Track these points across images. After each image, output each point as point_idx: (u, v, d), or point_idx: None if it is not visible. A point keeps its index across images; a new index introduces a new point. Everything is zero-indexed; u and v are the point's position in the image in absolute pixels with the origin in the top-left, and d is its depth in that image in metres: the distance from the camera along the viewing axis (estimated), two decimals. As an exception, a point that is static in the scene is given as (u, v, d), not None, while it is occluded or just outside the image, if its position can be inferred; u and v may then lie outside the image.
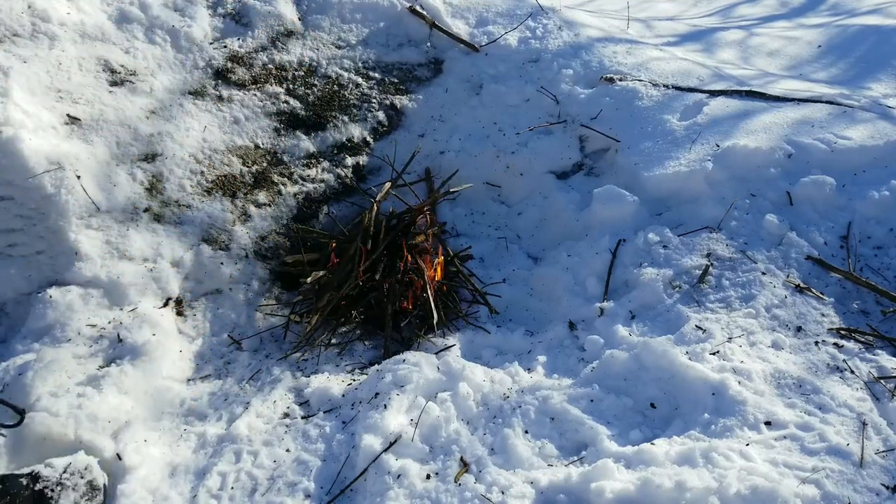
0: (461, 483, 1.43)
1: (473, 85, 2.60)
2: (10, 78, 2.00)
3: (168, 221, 2.03)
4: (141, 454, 1.56)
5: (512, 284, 2.18)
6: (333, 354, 1.95)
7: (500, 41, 2.70)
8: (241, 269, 2.06)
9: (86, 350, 1.73)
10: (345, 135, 2.40)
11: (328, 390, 1.73)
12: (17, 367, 1.65)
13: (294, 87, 2.44)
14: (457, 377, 1.68)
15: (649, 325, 1.86)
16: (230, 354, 1.93)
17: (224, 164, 2.19)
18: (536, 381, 1.71)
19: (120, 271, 1.88)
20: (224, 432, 1.64)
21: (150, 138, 2.14)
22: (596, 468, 1.42)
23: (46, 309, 1.78)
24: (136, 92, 2.23)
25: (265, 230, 2.15)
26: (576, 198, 2.33)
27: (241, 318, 2.01)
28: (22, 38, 2.17)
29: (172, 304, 1.93)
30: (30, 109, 1.98)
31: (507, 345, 1.95)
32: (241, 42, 2.49)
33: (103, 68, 2.24)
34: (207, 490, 1.50)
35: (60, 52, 2.19)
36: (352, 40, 2.63)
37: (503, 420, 1.59)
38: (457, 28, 2.73)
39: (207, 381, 1.84)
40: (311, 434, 1.62)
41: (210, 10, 2.55)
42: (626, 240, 2.10)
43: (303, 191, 2.26)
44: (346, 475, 1.50)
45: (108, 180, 2.01)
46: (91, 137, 2.06)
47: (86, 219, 1.92)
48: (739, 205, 2.05)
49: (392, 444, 1.51)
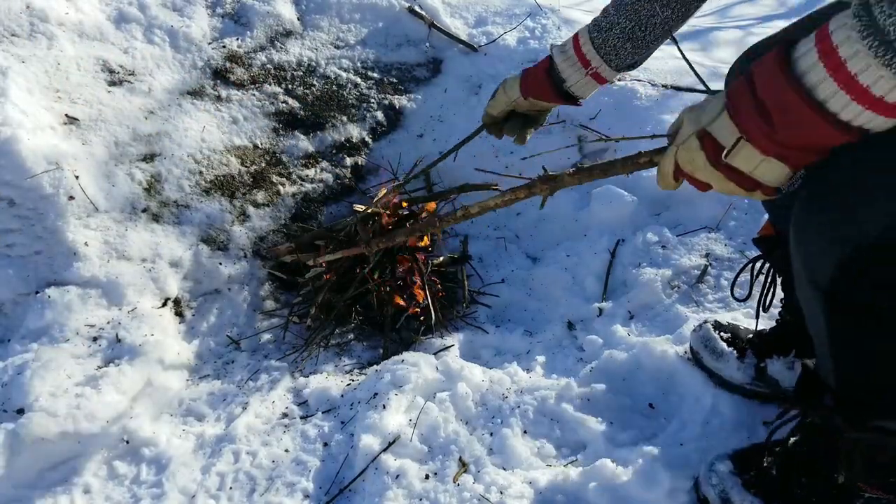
0: (460, 483, 1.43)
1: (472, 85, 2.60)
2: (8, 78, 2.00)
3: (166, 221, 2.03)
4: (139, 454, 1.55)
5: (511, 284, 2.18)
6: (332, 355, 1.95)
7: (499, 41, 2.69)
8: (239, 269, 2.06)
9: (84, 350, 1.73)
10: (343, 135, 2.40)
11: (327, 390, 1.73)
12: (16, 367, 1.65)
13: (293, 87, 2.44)
14: (455, 377, 1.68)
15: (648, 324, 1.86)
16: (229, 355, 1.93)
17: (223, 164, 2.19)
18: (535, 381, 1.71)
19: (118, 271, 1.88)
20: (223, 432, 1.63)
21: (149, 138, 2.13)
22: (594, 468, 1.42)
23: (45, 309, 1.77)
24: (135, 92, 2.22)
25: (264, 230, 2.15)
26: (574, 198, 2.33)
27: (240, 319, 2.01)
28: (20, 38, 2.16)
29: (171, 305, 1.93)
30: (28, 109, 1.98)
31: (505, 345, 1.96)
32: (240, 42, 2.49)
33: (102, 68, 2.24)
34: (206, 490, 1.50)
35: (59, 52, 2.18)
36: (350, 40, 2.62)
37: (502, 420, 1.59)
38: (455, 28, 2.73)
39: (206, 381, 1.84)
40: (309, 434, 1.62)
41: (209, 9, 2.54)
42: (625, 240, 2.11)
43: (301, 191, 2.26)
44: (344, 475, 1.50)
45: (107, 180, 2.01)
46: (89, 137, 2.05)
47: (84, 219, 1.92)
48: (738, 204, 2.05)
49: (391, 445, 1.51)
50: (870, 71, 0.64)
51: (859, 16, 0.64)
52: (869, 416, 1.09)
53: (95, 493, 1.49)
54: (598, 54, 1.38)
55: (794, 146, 0.73)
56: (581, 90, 1.45)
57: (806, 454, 1.23)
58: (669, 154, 0.89)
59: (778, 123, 0.72)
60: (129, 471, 1.55)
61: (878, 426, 1.09)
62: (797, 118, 0.71)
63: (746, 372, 1.53)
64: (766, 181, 0.78)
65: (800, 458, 1.24)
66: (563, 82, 1.43)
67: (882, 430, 1.09)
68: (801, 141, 0.72)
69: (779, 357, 1.50)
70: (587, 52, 1.38)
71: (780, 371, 1.50)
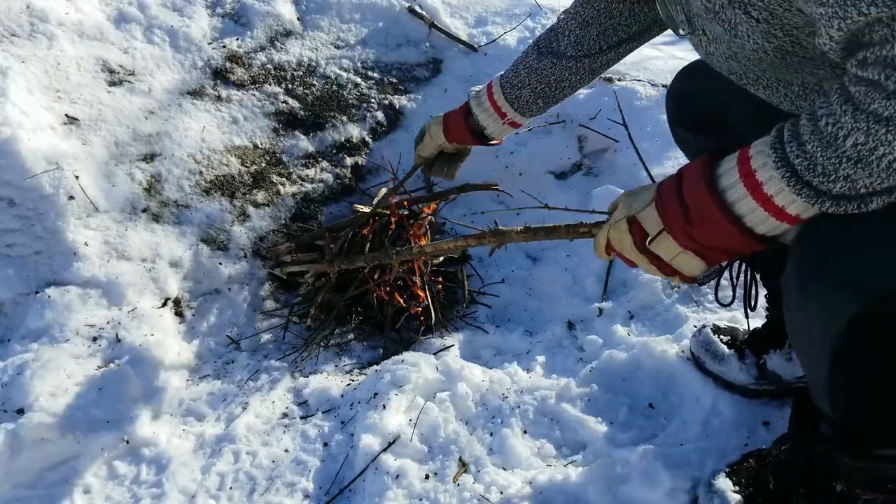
0: (460, 483, 1.43)
1: (472, 85, 2.60)
2: (8, 78, 2.00)
3: (166, 221, 2.03)
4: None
5: (511, 284, 2.18)
6: (332, 355, 1.95)
7: (499, 41, 2.70)
8: (239, 269, 2.06)
9: (84, 350, 1.73)
10: (343, 135, 2.40)
11: (327, 390, 1.73)
12: (16, 367, 1.65)
13: (293, 87, 2.44)
14: (455, 377, 1.68)
15: (648, 324, 1.86)
16: (229, 355, 1.93)
17: (223, 164, 2.19)
18: (535, 381, 1.71)
19: (118, 271, 1.88)
20: (223, 432, 1.63)
21: (149, 138, 2.13)
22: (594, 468, 1.42)
23: (45, 309, 1.77)
24: (135, 92, 2.22)
25: (264, 230, 2.15)
26: (575, 198, 2.33)
27: (240, 319, 2.01)
28: (20, 38, 2.16)
29: (171, 305, 1.93)
30: (28, 109, 1.98)
31: (505, 345, 1.95)
32: (240, 42, 2.49)
33: (102, 68, 2.24)
34: (206, 490, 1.50)
35: (59, 52, 2.18)
36: (350, 40, 2.62)
37: (502, 420, 1.59)
38: (455, 28, 2.73)
39: (206, 381, 1.84)
40: (309, 434, 1.62)
41: (209, 9, 2.54)
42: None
43: (301, 191, 2.26)
44: (344, 475, 1.50)
45: (107, 180, 2.01)
46: (89, 137, 2.05)
47: (84, 219, 1.92)
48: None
49: (391, 445, 1.51)
50: (784, 194, 0.75)
51: (774, 147, 0.74)
52: (870, 446, 1.09)
53: (95, 493, 1.49)
54: (511, 107, 1.47)
55: (708, 246, 0.84)
56: (500, 134, 1.57)
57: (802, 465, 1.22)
58: (603, 231, 0.99)
59: (696, 224, 0.82)
60: (129, 471, 1.55)
61: (880, 455, 1.09)
62: (714, 226, 0.81)
63: (749, 372, 1.53)
64: (683, 271, 0.88)
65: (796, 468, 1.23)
66: (482, 129, 1.55)
67: (883, 458, 1.09)
68: (714, 243, 0.83)
69: (775, 351, 1.51)
70: (501, 105, 1.48)
71: (779, 364, 1.50)
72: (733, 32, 0.89)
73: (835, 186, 0.70)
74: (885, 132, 0.64)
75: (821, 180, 0.70)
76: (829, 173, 0.69)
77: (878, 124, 0.64)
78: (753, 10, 0.83)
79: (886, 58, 0.63)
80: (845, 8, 0.65)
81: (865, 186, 0.68)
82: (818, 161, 0.70)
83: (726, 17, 0.88)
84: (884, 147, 0.64)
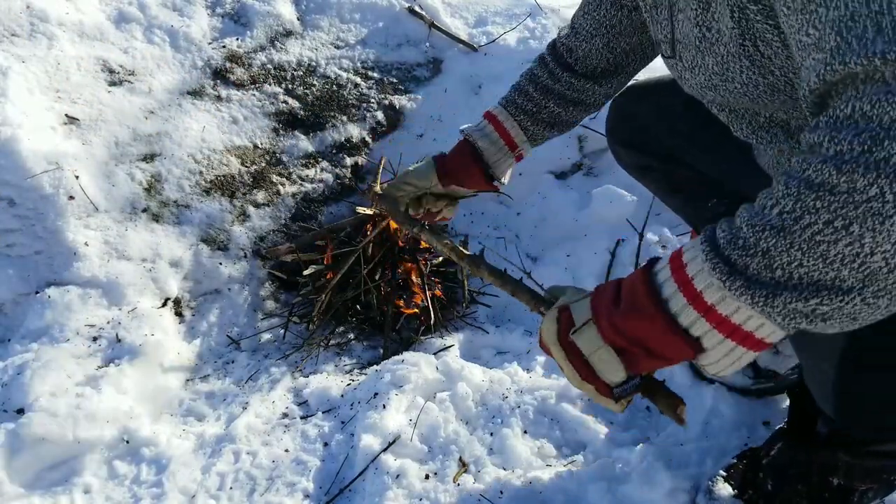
0: (460, 483, 1.43)
1: (473, 85, 2.60)
2: (9, 78, 2.00)
3: (166, 221, 2.03)
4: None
5: (511, 284, 2.17)
6: (332, 355, 1.95)
7: (500, 41, 2.69)
8: (239, 269, 2.06)
9: (84, 350, 1.73)
10: (343, 135, 2.40)
11: (327, 390, 1.73)
12: (16, 367, 1.65)
13: (293, 87, 2.44)
14: (455, 377, 1.68)
15: (648, 324, 1.86)
16: (229, 355, 1.93)
17: (223, 164, 2.19)
18: (535, 381, 1.71)
19: (118, 271, 1.88)
20: (223, 432, 1.63)
21: (149, 138, 2.13)
22: (594, 468, 1.42)
23: (45, 309, 1.77)
24: (135, 92, 2.23)
25: (264, 230, 2.15)
26: (575, 198, 2.33)
27: (240, 319, 2.01)
28: (20, 38, 2.16)
29: (171, 305, 1.93)
30: (28, 109, 1.98)
31: (505, 344, 1.95)
32: (240, 42, 2.49)
33: (102, 68, 2.24)
34: (206, 490, 1.49)
35: (59, 52, 2.18)
36: (350, 40, 2.62)
37: (502, 420, 1.59)
38: (455, 28, 2.73)
39: (206, 381, 1.84)
40: (309, 434, 1.62)
41: (209, 9, 2.54)
42: (625, 239, 2.10)
43: (301, 191, 2.26)
44: (344, 475, 1.50)
45: (107, 180, 2.01)
46: (89, 137, 2.05)
47: (84, 219, 1.92)
48: (738, 205, 2.06)
49: (391, 444, 1.51)
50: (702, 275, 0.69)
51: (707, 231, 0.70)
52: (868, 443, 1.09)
53: (95, 493, 1.49)
54: (525, 136, 1.37)
55: (631, 335, 0.75)
56: (503, 173, 1.44)
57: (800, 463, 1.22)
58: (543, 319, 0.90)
59: (623, 309, 0.75)
60: (129, 471, 1.55)
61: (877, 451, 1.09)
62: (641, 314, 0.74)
63: (745, 373, 1.53)
64: (601, 373, 0.78)
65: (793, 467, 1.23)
66: (489, 168, 1.41)
67: (881, 454, 1.09)
68: (638, 332, 0.74)
69: None
70: (515, 136, 1.37)
71: (770, 360, 1.51)
72: (724, 66, 0.86)
73: (752, 262, 0.64)
74: (813, 199, 0.59)
75: (739, 254, 0.64)
76: (749, 245, 0.64)
77: (809, 190, 0.59)
78: (761, 45, 0.80)
79: (838, 118, 0.58)
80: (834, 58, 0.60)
81: (781, 266, 0.62)
82: (742, 234, 0.65)
83: (720, 51, 0.86)
84: (810, 216, 0.59)
